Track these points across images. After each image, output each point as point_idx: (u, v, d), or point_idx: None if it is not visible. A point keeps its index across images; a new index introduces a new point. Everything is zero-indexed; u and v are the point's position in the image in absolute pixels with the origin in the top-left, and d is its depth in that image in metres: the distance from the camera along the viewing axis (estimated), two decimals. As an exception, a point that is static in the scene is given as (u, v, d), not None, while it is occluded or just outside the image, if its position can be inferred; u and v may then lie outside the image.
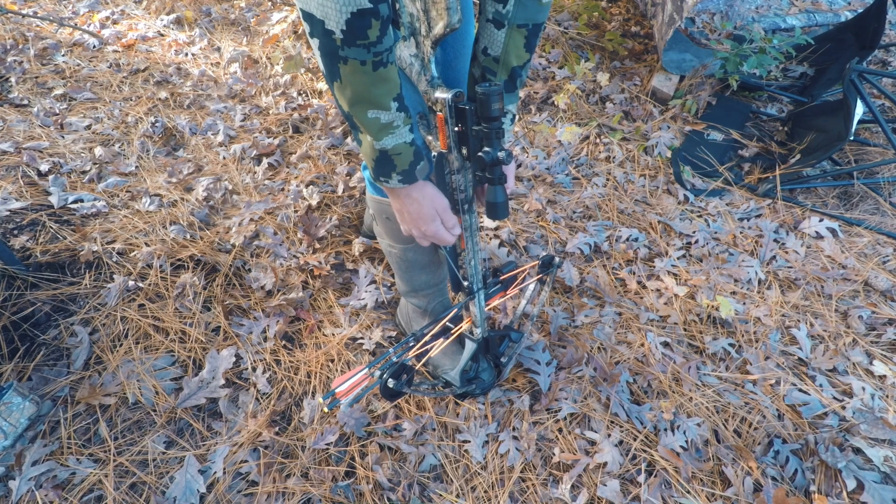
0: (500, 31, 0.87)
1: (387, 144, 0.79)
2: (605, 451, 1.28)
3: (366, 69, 0.70)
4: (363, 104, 0.74)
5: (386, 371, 1.01)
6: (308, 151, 2.15)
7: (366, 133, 0.78)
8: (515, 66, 0.92)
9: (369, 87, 0.72)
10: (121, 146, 2.11)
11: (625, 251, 1.85)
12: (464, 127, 0.85)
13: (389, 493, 1.21)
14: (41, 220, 1.69)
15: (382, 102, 0.74)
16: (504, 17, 0.86)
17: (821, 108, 2.31)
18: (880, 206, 2.11)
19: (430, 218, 0.91)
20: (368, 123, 0.76)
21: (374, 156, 0.81)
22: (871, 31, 2.31)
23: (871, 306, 1.69)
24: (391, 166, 0.82)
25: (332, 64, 0.70)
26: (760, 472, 1.26)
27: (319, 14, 0.65)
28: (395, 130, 0.78)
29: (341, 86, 0.73)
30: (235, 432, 1.30)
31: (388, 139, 0.78)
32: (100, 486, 1.19)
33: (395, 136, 0.79)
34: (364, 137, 0.80)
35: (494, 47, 0.90)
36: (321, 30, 0.66)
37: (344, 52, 0.68)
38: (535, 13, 0.86)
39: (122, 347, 1.43)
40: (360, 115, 0.76)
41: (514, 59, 0.91)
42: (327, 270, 1.67)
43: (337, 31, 0.66)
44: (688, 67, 2.51)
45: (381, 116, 0.76)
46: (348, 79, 0.71)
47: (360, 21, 0.65)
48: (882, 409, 1.40)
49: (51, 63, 2.54)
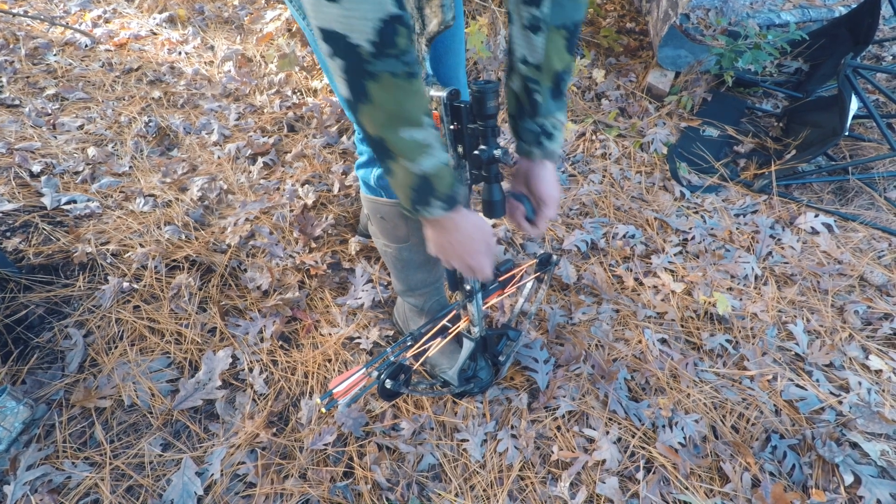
0: (539, 35, 0.81)
1: (425, 167, 0.71)
2: (604, 449, 1.28)
3: (398, 81, 0.64)
4: (396, 123, 0.67)
5: (383, 371, 1.01)
6: (303, 150, 2.14)
7: (400, 157, 0.70)
8: (559, 70, 0.85)
9: (403, 103, 0.66)
10: (114, 146, 2.09)
11: (622, 248, 1.85)
12: (459, 125, 0.83)
13: (388, 492, 1.20)
14: (34, 221, 1.68)
15: (416, 118, 0.68)
16: (541, 20, 0.79)
17: (816, 103, 2.31)
18: (875, 201, 2.12)
19: (480, 250, 0.84)
20: (403, 145, 0.69)
21: (411, 183, 0.73)
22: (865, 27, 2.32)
23: (866, 301, 1.70)
24: (431, 192, 0.74)
25: (359, 83, 0.64)
26: (758, 468, 1.27)
27: (342, 29, 0.59)
28: (430, 150, 0.71)
29: (370, 107, 0.66)
30: (233, 434, 1.29)
31: (425, 161, 0.71)
32: (96, 489, 1.18)
33: (432, 156, 0.71)
34: (397, 164, 0.71)
35: (534, 54, 0.83)
36: (344, 46, 0.61)
37: (373, 66, 0.62)
38: (573, 12, 0.80)
39: (118, 349, 1.42)
40: (393, 136, 0.68)
41: (557, 63, 0.84)
42: (324, 270, 1.66)
43: (365, 43, 0.60)
44: (683, 64, 2.51)
45: (417, 135, 0.69)
46: (379, 97, 0.65)
47: (389, 28, 0.60)
48: (878, 404, 1.40)
49: (42, 63, 2.51)
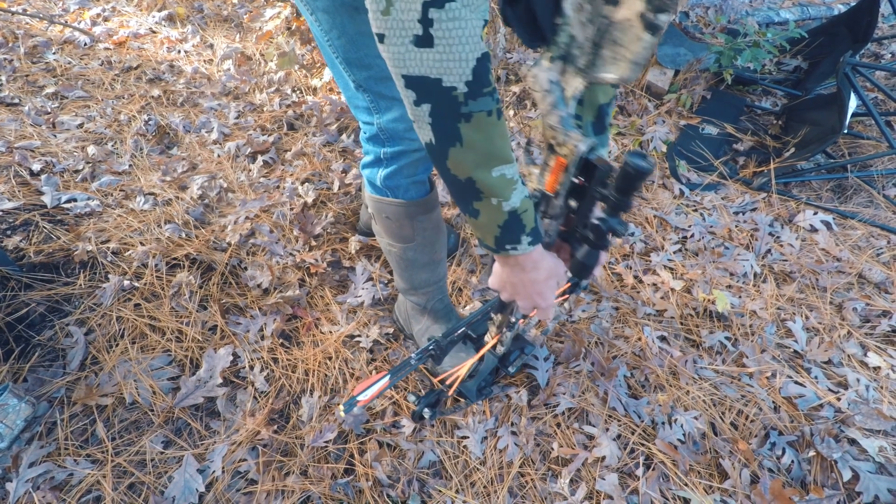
0: None
1: (515, 203, 0.68)
2: (604, 446, 1.29)
3: (492, 119, 0.61)
4: (489, 163, 0.64)
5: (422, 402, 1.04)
6: (303, 148, 2.14)
7: (490, 197, 0.67)
8: (602, 103, 0.81)
9: (495, 141, 0.63)
10: (114, 145, 2.09)
11: (621, 246, 1.85)
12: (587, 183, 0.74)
13: (389, 489, 1.21)
14: (34, 220, 1.68)
15: (506, 155, 0.65)
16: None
17: (815, 101, 2.32)
18: (874, 198, 2.12)
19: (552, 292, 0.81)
20: (495, 184, 0.66)
21: (501, 221, 0.69)
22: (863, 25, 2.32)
23: (865, 298, 1.71)
24: (520, 228, 0.71)
25: (451, 127, 0.60)
26: (757, 465, 1.27)
27: (435, 73, 0.56)
28: (517, 185, 0.67)
29: (461, 150, 0.62)
30: (234, 431, 1.30)
31: (514, 196, 0.68)
32: (98, 486, 1.18)
33: (519, 190, 0.68)
34: (485, 205, 0.68)
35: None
36: (437, 90, 0.57)
37: (468, 107, 0.59)
38: None
39: (119, 347, 1.42)
40: (485, 177, 0.65)
41: (602, 97, 0.80)
42: (324, 268, 1.67)
43: (460, 84, 0.57)
44: (682, 62, 2.51)
45: (506, 171, 0.65)
46: (472, 137, 0.61)
47: (482, 66, 0.57)
48: (876, 400, 1.41)
49: (41, 61, 2.51)
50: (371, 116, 0.99)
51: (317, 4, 0.84)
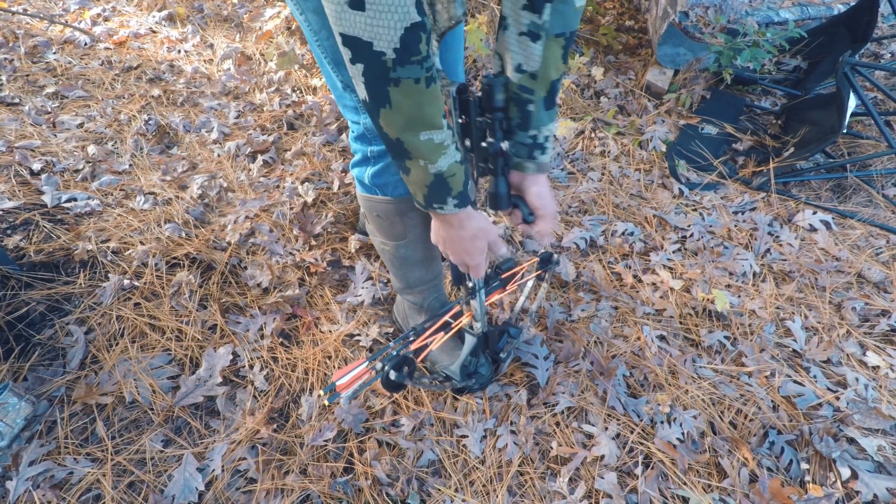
0: (537, 43, 0.80)
1: (442, 166, 0.75)
2: (603, 445, 1.29)
3: (419, 87, 0.66)
4: (416, 126, 0.70)
5: (387, 363, 1.02)
6: (303, 148, 2.14)
7: (418, 158, 0.73)
8: (554, 79, 0.85)
9: (423, 106, 0.68)
10: (114, 144, 2.09)
11: (620, 245, 1.85)
12: (467, 118, 0.84)
13: (388, 488, 1.21)
14: (34, 219, 1.68)
15: (435, 121, 0.70)
16: (541, 27, 0.78)
17: (814, 101, 2.32)
18: (873, 198, 2.13)
19: (481, 251, 0.88)
20: (422, 147, 0.72)
21: (427, 181, 0.76)
22: (863, 25, 2.32)
23: (864, 298, 1.71)
24: (447, 190, 0.78)
25: (380, 88, 0.65)
26: (756, 463, 1.28)
27: (367, 36, 0.60)
28: (446, 150, 0.74)
29: (390, 111, 0.68)
30: (233, 430, 1.30)
31: (442, 160, 0.74)
32: (98, 485, 1.19)
33: (448, 155, 0.75)
34: (415, 164, 0.75)
35: (531, 62, 0.82)
36: (369, 53, 0.61)
37: (396, 72, 0.63)
38: (572, 20, 0.80)
39: (118, 346, 1.42)
40: (412, 139, 0.71)
41: (554, 73, 0.84)
42: (323, 267, 1.67)
43: (389, 50, 0.61)
44: (682, 61, 2.52)
45: (434, 136, 0.71)
46: (400, 101, 0.66)
47: (412, 35, 0.61)
48: (875, 400, 1.41)
49: (41, 61, 2.51)
50: (358, 115, 1.00)
51: (307, 5, 0.85)
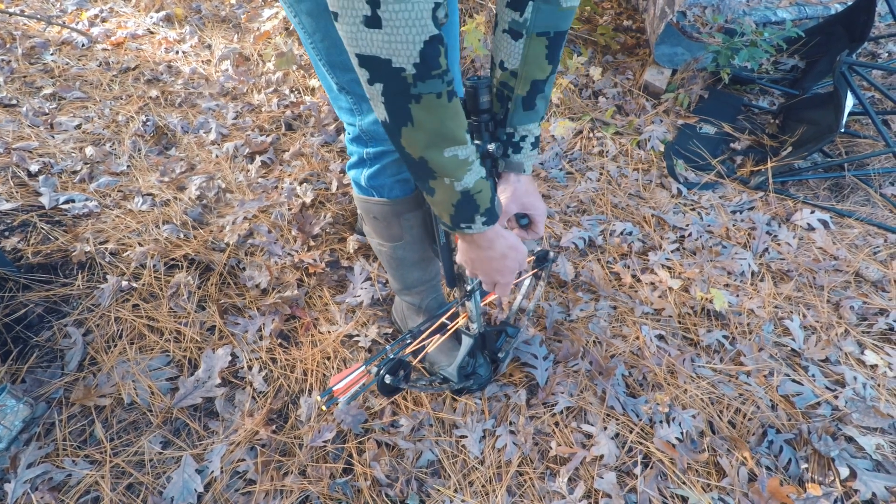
0: (518, 41, 0.80)
1: (468, 183, 0.72)
2: (602, 444, 1.29)
3: (441, 101, 0.64)
4: (440, 143, 0.67)
5: (383, 367, 1.02)
6: (301, 149, 2.14)
7: (443, 177, 0.71)
8: (537, 79, 0.84)
9: (445, 122, 0.66)
10: (112, 145, 2.09)
11: (619, 245, 1.86)
12: None
13: (387, 489, 1.21)
14: (32, 220, 1.68)
15: (459, 136, 0.68)
16: (521, 25, 0.78)
17: (812, 100, 2.32)
18: (871, 197, 2.13)
19: (511, 269, 0.85)
20: (447, 164, 0.69)
21: (455, 200, 0.74)
22: (860, 24, 2.33)
23: (862, 297, 1.71)
24: (474, 208, 0.75)
25: (402, 106, 0.63)
26: (755, 462, 1.28)
27: (385, 53, 0.58)
28: (472, 166, 0.71)
29: (412, 129, 0.66)
30: (232, 431, 1.30)
31: (468, 177, 0.72)
32: (96, 487, 1.18)
33: (473, 171, 0.72)
34: (439, 184, 0.72)
35: (511, 60, 0.82)
36: (388, 70, 0.60)
37: (417, 88, 0.61)
38: (557, 20, 0.78)
39: (117, 348, 1.42)
40: (437, 157, 0.68)
41: (537, 72, 0.83)
42: (322, 268, 1.67)
43: (409, 66, 0.59)
44: (680, 61, 2.52)
45: (459, 153, 0.69)
46: (422, 118, 0.65)
47: (431, 49, 0.59)
48: (874, 398, 1.41)
49: (39, 62, 2.51)
50: (353, 118, 1.00)
51: (301, 7, 0.84)
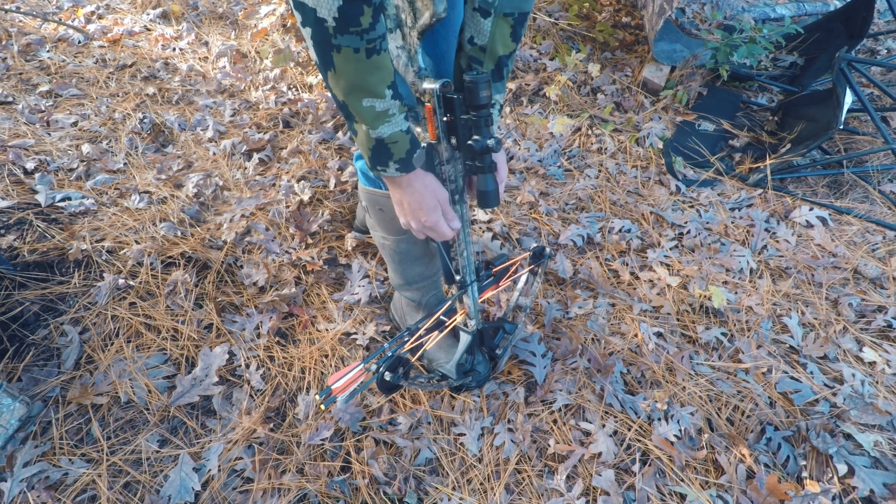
0: (487, 19, 0.87)
1: (383, 133, 0.79)
2: (600, 442, 1.29)
3: (359, 57, 0.70)
4: (358, 93, 0.74)
5: (382, 364, 1.01)
6: (299, 146, 2.13)
7: (361, 122, 0.78)
8: (502, 55, 0.92)
9: (363, 75, 0.72)
10: (108, 143, 2.08)
11: (617, 242, 1.85)
12: (452, 116, 0.86)
13: (385, 487, 1.21)
14: (28, 218, 1.67)
15: (377, 90, 0.74)
16: (490, 5, 0.86)
17: (810, 97, 2.32)
18: (869, 194, 2.13)
19: (432, 208, 0.90)
20: (363, 112, 0.76)
21: (369, 145, 0.81)
22: (859, 21, 2.32)
23: (860, 294, 1.71)
24: (388, 155, 0.82)
25: (325, 53, 0.70)
26: (753, 459, 1.28)
27: (311, 3, 0.65)
28: (390, 119, 0.78)
29: (335, 75, 0.73)
30: (230, 429, 1.29)
31: (383, 127, 0.78)
32: (93, 485, 1.18)
33: (391, 124, 0.79)
34: (359, 127, 0.79)
35: (481, 36, 0.90)
36: (313, 18, 0.66)
37: (337, 40, 0.68)
38: (522, 2, 0.87)
39: (114, 346, 1.41)
40: (355, 103, 0.75)
41: (501, 49, 0.91)
42: (320, 266, 1.66)
43: (329, 18, 0.66)
44: (678, 58, 2.51)
45: (377, 104, 0.76)
46: (342, 67, 0.71)
47: (352, 8, 0.65)
48: (872, 395, 1.41)
49: (35, 59, 2.50)
50: None
51: None
